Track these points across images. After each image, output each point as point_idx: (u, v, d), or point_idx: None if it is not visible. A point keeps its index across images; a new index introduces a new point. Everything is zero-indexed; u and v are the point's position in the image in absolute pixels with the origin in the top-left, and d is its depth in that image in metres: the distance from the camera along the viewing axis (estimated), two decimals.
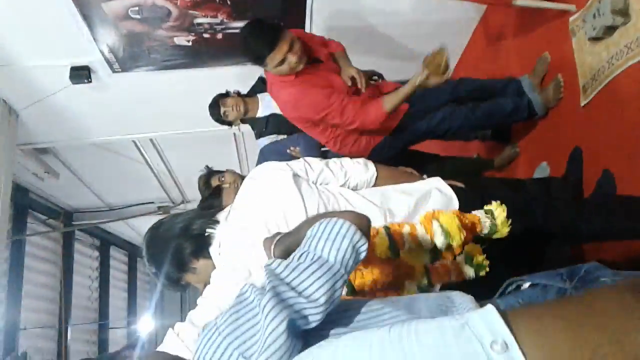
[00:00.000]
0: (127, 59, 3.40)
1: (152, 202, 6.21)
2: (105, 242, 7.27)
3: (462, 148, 3.51)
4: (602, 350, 0.70)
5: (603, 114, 2.35)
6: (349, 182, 1.79)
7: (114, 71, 3.49)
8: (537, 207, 1.83)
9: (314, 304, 0.91)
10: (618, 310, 0.74)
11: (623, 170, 2.21)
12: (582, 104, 2.46)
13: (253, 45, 2.36)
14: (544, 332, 0.75)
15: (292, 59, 2.33)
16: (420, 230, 1.37)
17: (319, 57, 2.54)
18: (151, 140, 4.74)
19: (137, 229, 6.98)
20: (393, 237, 1.37)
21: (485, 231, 1.49)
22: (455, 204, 1.70)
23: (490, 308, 0.78)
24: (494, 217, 1.45)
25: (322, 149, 2.97)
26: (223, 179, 2.85)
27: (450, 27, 3.52)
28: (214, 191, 2.43)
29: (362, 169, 1.81)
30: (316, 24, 3.33)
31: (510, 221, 1.51)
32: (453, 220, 1.33)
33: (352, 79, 2.48)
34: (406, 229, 1.39)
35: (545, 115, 2.75)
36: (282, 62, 2.33)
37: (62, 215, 6.04)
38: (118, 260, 7.75)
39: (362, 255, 1.03)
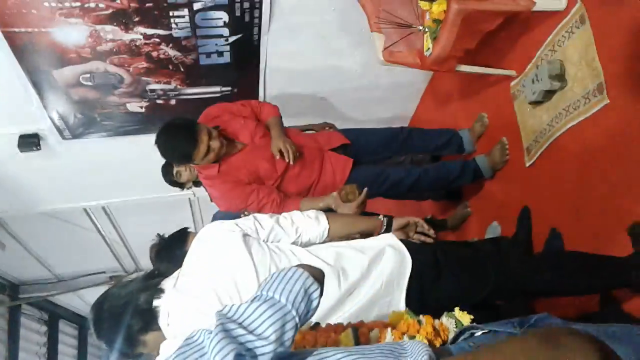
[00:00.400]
0: (78, 126, 3.36)
1: (104, 272, 6.00)
2: (54, 315, 6.91)
3: (416, 208, 3.55)
4: None
5: (547, 174, 2.43)
6: (300, 237, 1.78)
7: (64, 138, 3.44)
8: (490, 264, 1.84)
9: (263, 341, 0.92)
10: (519, 353, 0.84)
11: (570, 227, 2.27)
12: (527, 165, 2.55)
13: (177, 146, 2.42)
14: None
15: (215, 144, 2.41)
16: (389, 340, 1.35)
17: (243, 138, 2.59)
18: (103, 207, 4.64)
19: (87, 300, 6.68)
20: (359, 340, 1.35)
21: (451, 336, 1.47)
22: (408, 262, 1.69)
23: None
24: (461, 324, 1.44)
25: None
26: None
27: (401, 90, 3.64)
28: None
29: (313, 224, 1.80)
30: (269, 90, 3.39)
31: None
32: (423, 338, 1.32)
33: (280, 152, 2.50)
34: (374, 333, 1.38)
35: (492, 176, 2.84)
36: (208, 151, 2.40)
37: (7, 288, 5.76)
38: (67, 334, 7.35)
39: (315, 302, 1.06)
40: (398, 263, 1.69)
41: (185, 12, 2.73)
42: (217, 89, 3.27)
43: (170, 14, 2.71)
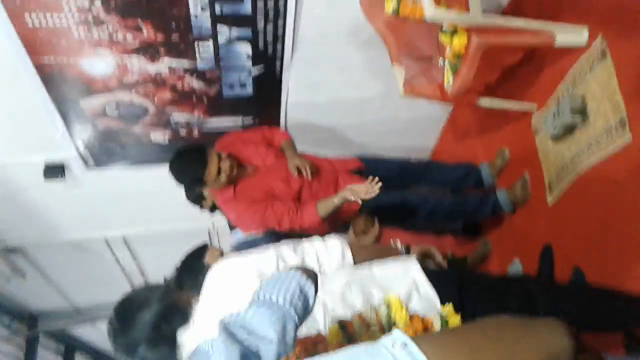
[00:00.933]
0: (102, 155, 3.42)
1: None
2: (71, 347, 6.88)
3: (435, 243, 3.50)
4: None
5: (570, 212, 2.39)
6: (323, 271, 1.75)
7: (88, 167, 3.49)
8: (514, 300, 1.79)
9: (266, 342, 0.95)
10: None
11: (592, 266, 2.21)
12: (549, 201, 2.51)
13: (188, 170, 2.53)
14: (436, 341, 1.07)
15: (225, 165, 2.50)
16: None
17: (255, 162, 2.68)
18: (124, 238, 4.67)
19: (104, 332, 6.63)
20: (347, 331, 1.33)
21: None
22: (437, 304, 1.59)
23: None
24: (447, 324, 1.41)
25: None
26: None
27: (421, 122, 3.66)
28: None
29: (339, 259, 1.75)
30: (290, 121, 3.42)
31: None
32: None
33: (298, 169, 2.58)
34: (357, 324, 1.37)
35: (513, 211, 2.80)
36: (219, 173, 2.49)
37: (26, 317, 5.77)
38: None
39: (311, 299, 1.10)
40: (426, 309, 1.63)
41: (210, 44, 2.79)
42: (239, 119, 3.31)
43: (195, 45, 2.77)
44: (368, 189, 2.32)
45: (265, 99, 3.21)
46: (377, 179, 2.34)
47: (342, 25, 2.84)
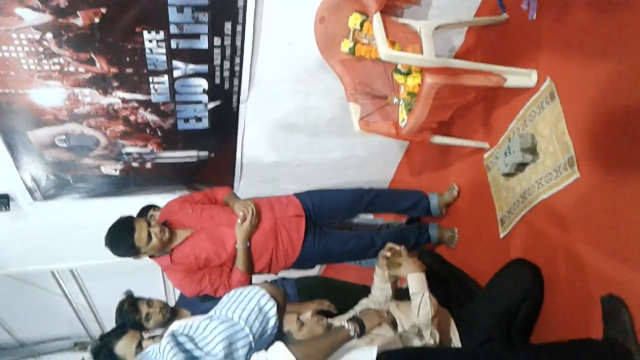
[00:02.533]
0: (50, 188, 3.31)
1: (69, 338, 5.77)
2: None
3: None
4: None
5: (521, 246, 2.44)
6: None
7: (34, 199, 3.37)
8: None
9: (210, 357, 0.94)
10: None
11: (545, 299, 2.26)
12: (501, 236, 2.56)
13: (119, 240, 2.59)
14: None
15: (155, 230, 2.54)
16: None
17: (189, 224, 2.72)
18: (71, 271, 4.51)
19: None
20: None
21: None
22: None
23: None
24: None
25: None
26: (151, 303, 2.74)
27: (378, 158, 3.71)
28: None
29: None
30: (247, 157, 3.41)
31: None
32: None
33: (242, 212, 2.65)
34: None
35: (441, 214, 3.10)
36: (150, 237, 2.53)
37: None
38: None
39: (272, 320, 1.06)
40: None
41: (165, 78, 2.76)
42: (194, 153, 3.28)
43: (150, 79, 2.74)
44: (246, 218, 2.61)
45: (221, 133, 3.19)
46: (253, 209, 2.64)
47: (298, 63, 2.85)
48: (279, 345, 1.61)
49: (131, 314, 2.66)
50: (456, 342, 2.19)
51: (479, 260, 2.76)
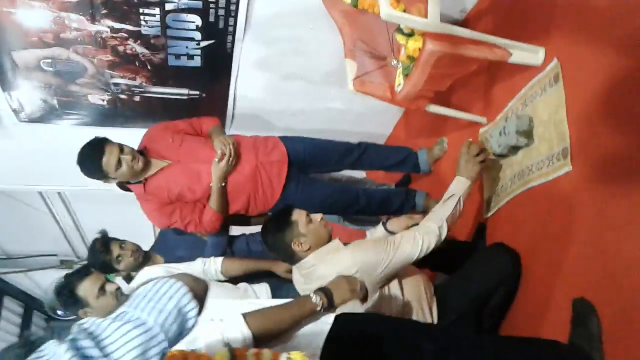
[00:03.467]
0: (35, 111, 3.22)
1: (55, 255, 5.82)
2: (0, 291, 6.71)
3: None
4: None
5: (502, 230, 2.36)
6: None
7: (20, 120, 3.29)
8: None
9: None
10: None
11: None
12: (485, 216, 2.48)
13: (87, 162, 2.52)
14: None
15: (127, 157, 2.48)
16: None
17: (168, 156, 2.64)
18: (59, 193, 4.48)
19: (36, 280, 6.49)
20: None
21: None
22: None
23: None
24: None
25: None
26: (124, 246, 2.70)
27: (375, 116, 3.58)
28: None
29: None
30: (240, 100, 3.29)
31: None
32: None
33: (221, 150, 2.56)
34: (251, 352, 1.26)
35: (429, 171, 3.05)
36: (119, 163, 2.47)
37: None
38: (12, 311, 7.14)
39: (191, 321, 0.95)
40: None
41: (157, 10, 2.62)
42: (185, 91, 3.16)
43: (140, 10, 2.60)
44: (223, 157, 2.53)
45: (214, 73, 3.06)
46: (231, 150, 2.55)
47: (299, 7, 2.69)
48: (237, 317, 1.57)
49: (102, 254, 2.62)
50: (429, 317, 2.14)
51: (458, 237, 2.69)
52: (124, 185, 2.95)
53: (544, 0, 2.19)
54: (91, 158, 2.50)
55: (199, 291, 0.98)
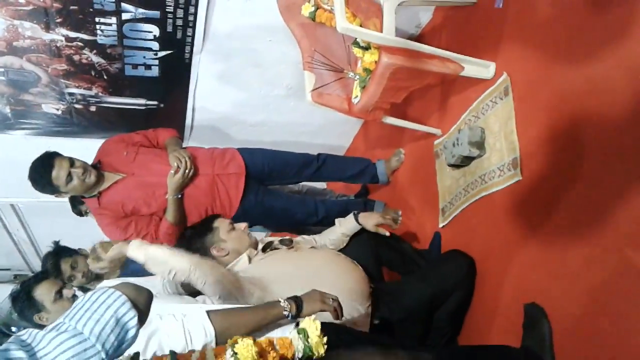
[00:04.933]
0: None
1: (9, 269, 5.64)
2: None
3: None
4: None
5: (457, 238, 2.41)
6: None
7: None
8: None
9: None
10: None
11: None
12: (440, 225, 2.53)
13: (37, 176, 2.49)
14: None
15: (77, 171, 2.46)
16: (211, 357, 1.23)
17: (121, 169, 2.63)
18: (12, 205, 4.36)
19: None
20: None
21: (299, 355, 1.35)
22: None
23: None
24: (307, 337, 1.33)
25: None
26: (75, 265, 2.62)
27: (336, 126, 3.59)
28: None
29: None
30: (198, 112, 3.27)
31: (325, 339, 1.38)
32: (250, 350, 1.20)
33: (176, 164, 2.55)
34: (195, 356, 1.25)
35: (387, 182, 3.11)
36: (70, 177, 2.44)
37: None
38: None
39: (131, 331, 0.92)
40: None
41: (113, 20, 2.59)
42: (142, 101, 3.12)
43: (96, 19, 2.57)
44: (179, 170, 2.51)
45: (172, 84, 3.04)
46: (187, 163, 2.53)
47: (257, 20, 2.71)
48: (200, 313, 1.54)
49: (53, 275, 2.54)
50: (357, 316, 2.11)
51: (414, 243, 2.74)
52: (77, 208, 2.91)
53: (494, 18, 2.27)
54: (40, 172, 2.47)
55: (141, 300, 0.96)
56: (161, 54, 2.82)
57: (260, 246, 2.31)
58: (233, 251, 2.19)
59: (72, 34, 2.63)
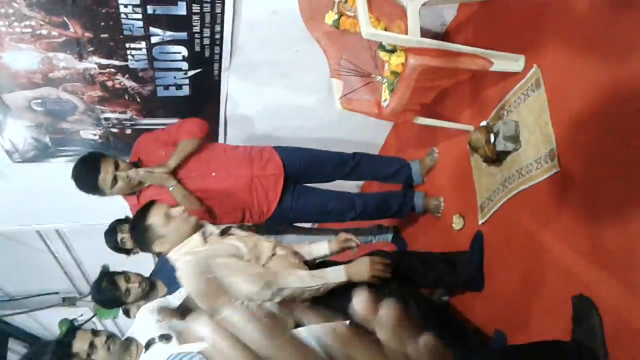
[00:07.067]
0: (28, 150, 3.24)
1: (57, 293, 5.80)
2: (3, 333, 6.66)
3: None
4: None
5: (497, 234, 2.39)
6: None
7: (14, 161, 3.31)
8: None
9: None
10: None
11: (516, 292, 2.22)
12: (480, 222, 2.50)
13: (83, 177, 2.50)
14: None
15: (122, 174, 2.48)
16: None
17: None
18: (57, 230, 4.49)
19: (40, 320, 6.47)
20: None
21: None
22: None
23: None
24: None
25: None
26: (129, 278, 2.71)
27: (364, 130, 3.60)
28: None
29: None
30: (230, 126, 3.33)
31: None
32: None
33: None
34: None
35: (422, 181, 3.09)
36: (115, 180, 2.47)
37: None
38: (16, 352, 7.09)
39: None
40: None
41: (143, 44, 2.65)
42: (175, 120, 3.18)
43: (127, 45, 2.63)
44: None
45: (203, 101, 3.10)
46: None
47: (282, 32, 2.74)
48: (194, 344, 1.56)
49: (111, 291, 2.63)
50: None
51: (451, 244, 2.71)
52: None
53: (519, 11, 2.25)
54: (86, 176, 2.49)
55: None
56: (191, 73, 2.88)
57: (215, 229, 2.21)
58: (175, 242, 2.08)
59: (104, 61, 2.71)
